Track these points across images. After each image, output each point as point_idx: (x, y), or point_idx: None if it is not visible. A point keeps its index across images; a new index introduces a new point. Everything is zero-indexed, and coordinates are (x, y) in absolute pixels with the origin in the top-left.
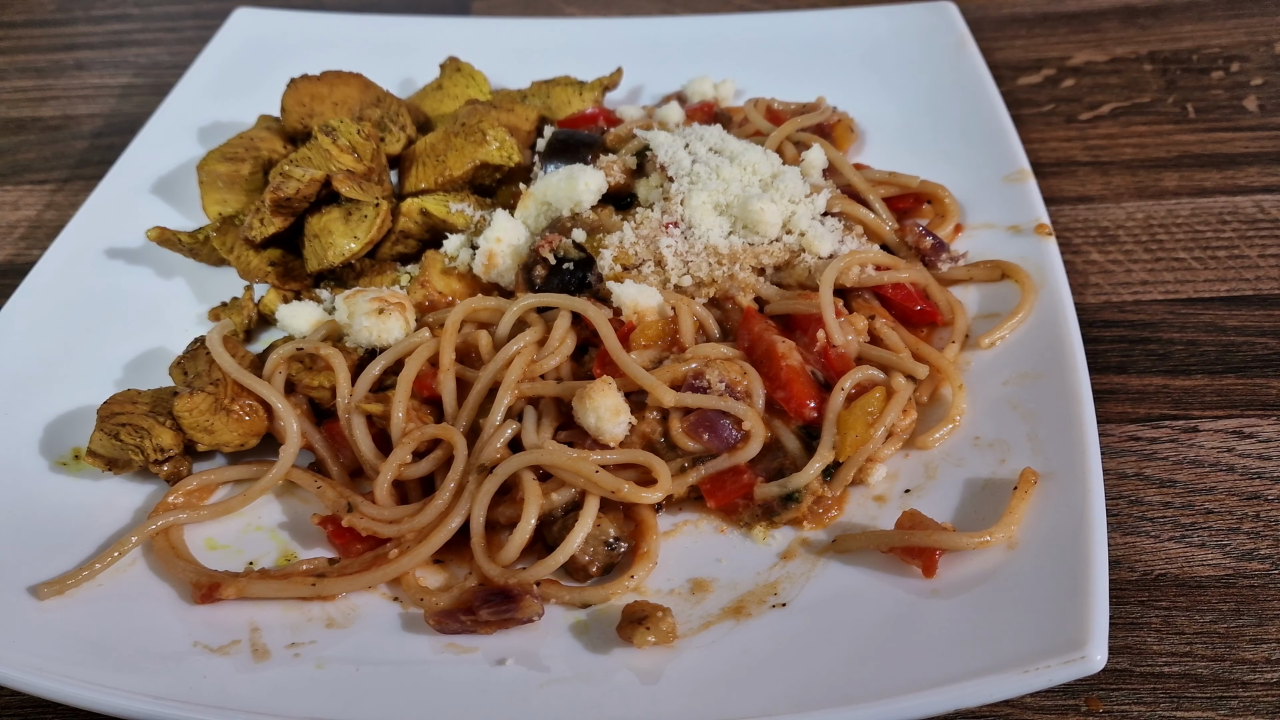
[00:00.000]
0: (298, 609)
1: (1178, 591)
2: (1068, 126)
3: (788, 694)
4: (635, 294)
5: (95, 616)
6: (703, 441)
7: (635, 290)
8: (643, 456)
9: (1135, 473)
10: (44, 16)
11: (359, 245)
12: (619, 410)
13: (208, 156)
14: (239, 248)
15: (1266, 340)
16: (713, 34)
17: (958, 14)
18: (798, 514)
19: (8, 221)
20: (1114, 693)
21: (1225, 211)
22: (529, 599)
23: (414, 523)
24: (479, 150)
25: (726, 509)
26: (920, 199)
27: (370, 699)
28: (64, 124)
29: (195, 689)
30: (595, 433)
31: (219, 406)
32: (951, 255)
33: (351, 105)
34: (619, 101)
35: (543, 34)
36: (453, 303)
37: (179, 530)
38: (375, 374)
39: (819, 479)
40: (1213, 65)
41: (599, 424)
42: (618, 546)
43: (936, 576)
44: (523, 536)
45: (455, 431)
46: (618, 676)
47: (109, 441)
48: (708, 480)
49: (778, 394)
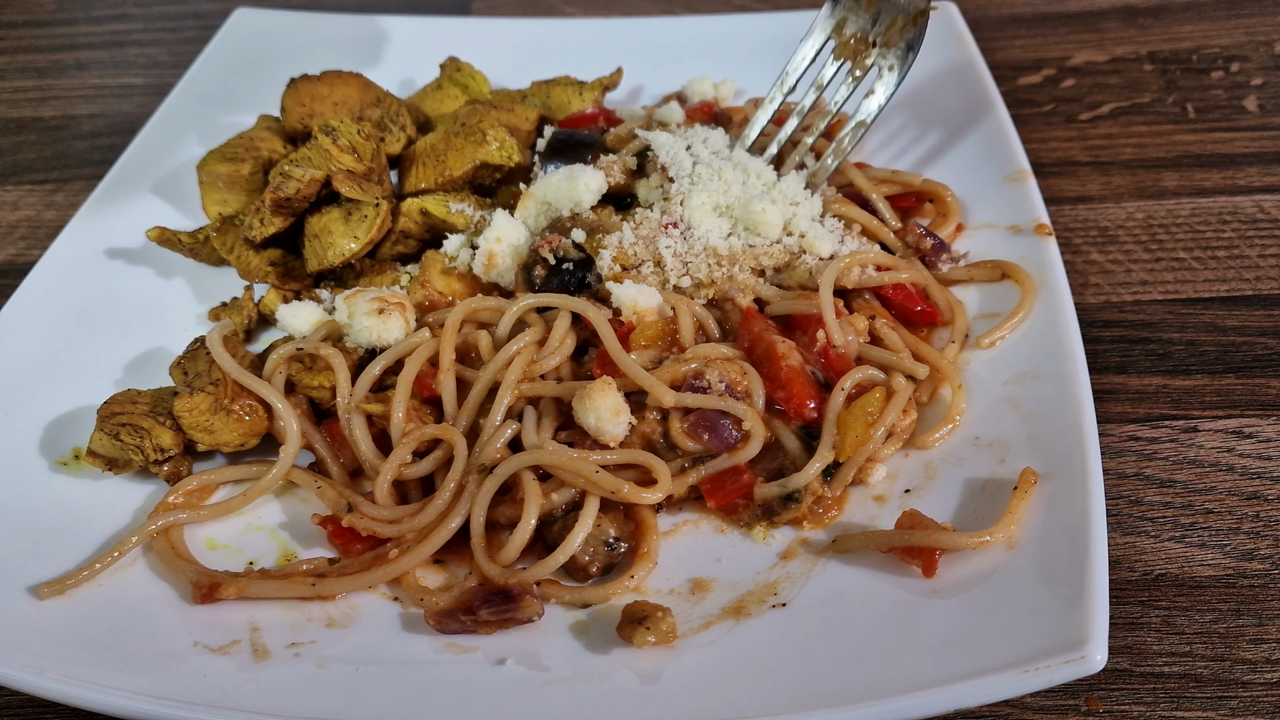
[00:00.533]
0: (298, 609)
1: (1178, 591)
2: (1068, 126)
3: (788, 694)
4: (634, 294)
5: (95, 616)
6: (703, 442)
7: (635, 291)
8: (643, 457)
9: (1135, 473)
10: (44, 16)
11: (359, 245)
12: (619, 410)
13: (208, 156)
14: (239, 248)
15: (1266, 340)
16: (713, 34)
17: (958, 14)
18: (798, 514)
19: (8, 221)
20: (1114, 693)
21: (1225, 211)
22: (529, 599)
23: (414, 523)
24: (479, 150)
25: (726, 509)
26: (922, 198)
27: (370, 699)
28: (64, 124)
29: (195, 689)
30: (595, 433)
31: (219, 406)
32: (952, 255)
33: (351, 105)
34: (619, 101)
35: (543, 34)
36: (453, 303)
37: (179, 530)
38: (375, 374)
39: (819, 479)
40: (1213, 65)
41: (599, 424)
42: (618, 546)
43: (936, 576)
44: (523, 537)
45: (455, 432)
46: (618, 676)
47: (109, 441)
48: (708, 480)
49: (778, 394)
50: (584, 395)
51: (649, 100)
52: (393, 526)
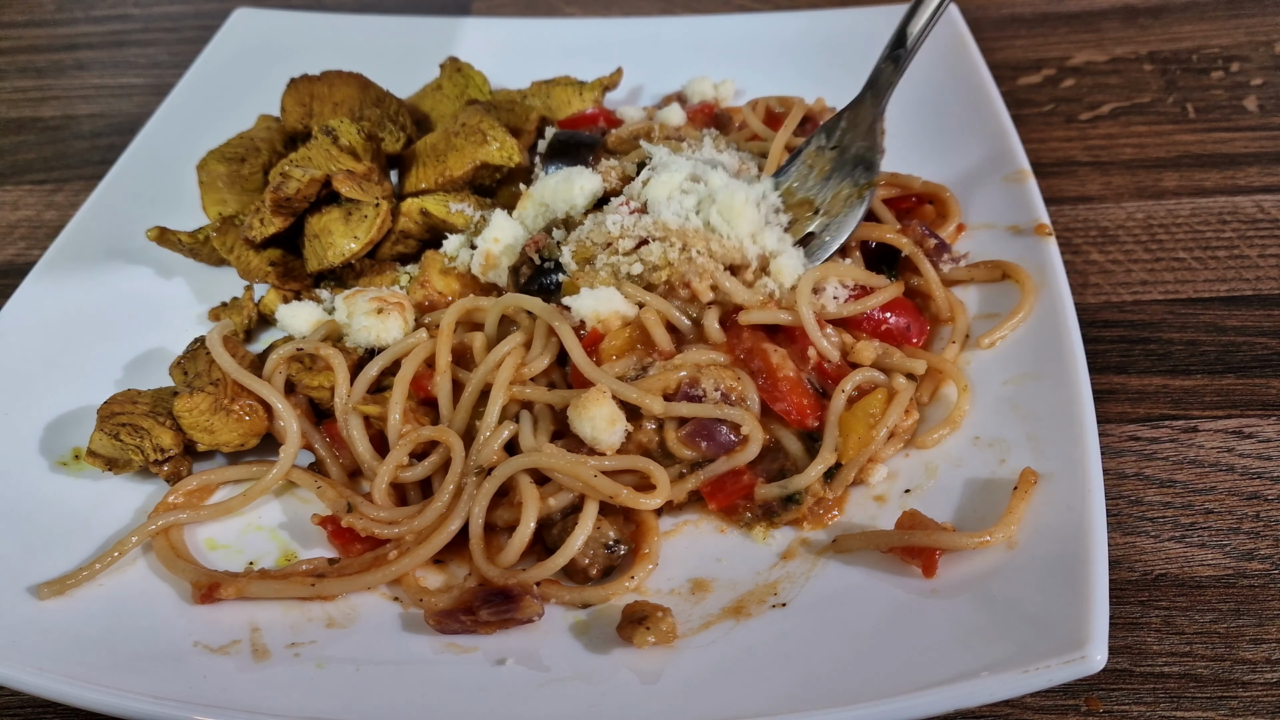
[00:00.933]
0: (298, 609)
1: (1178, 591)
2: (1068, 126)
3: (788, 694)
4: (593, 304)
5: (95, 616)
6: (700, 449)
7: (592, 300)
8: (641, 463)
9: (1135, 473)
10: (44, 16)
11: (359, 245)
12: (615, 420)
13: (208, 156)
14: (239, 248)
15: (1266, 340)
16: (713, 34)
17: (958, 14)
18: (798, 515)
19: (8, 221)
20: (1114, 693)
21: (1225, 211)
22: (529, 599)
23: (413, 525)
24: (479, 151)
25: (727, 510)
26: (922, 199)
27: (370, 699)
28: (64, 124)
29: (195, 689)
30: (592, 442)
31: (219, 406)
32: (953, 256)
33: (351, 105)
34: (619, 101)
35: (543, 34)
36: (451, 303)
37: (179, 530)
38: (373, 375)
39: (820, 480)
40: (1213, 65)
41: (595, 434)
42: (618, 549)
43: (936, 576)
44: (522, 540)
45: (451, 433)
46: (618, 676)
47: (109, 441)
48: (708, 484)
49: (778, 405)
50: (579, 404)
51: (649, 100)
52: (391, 528)
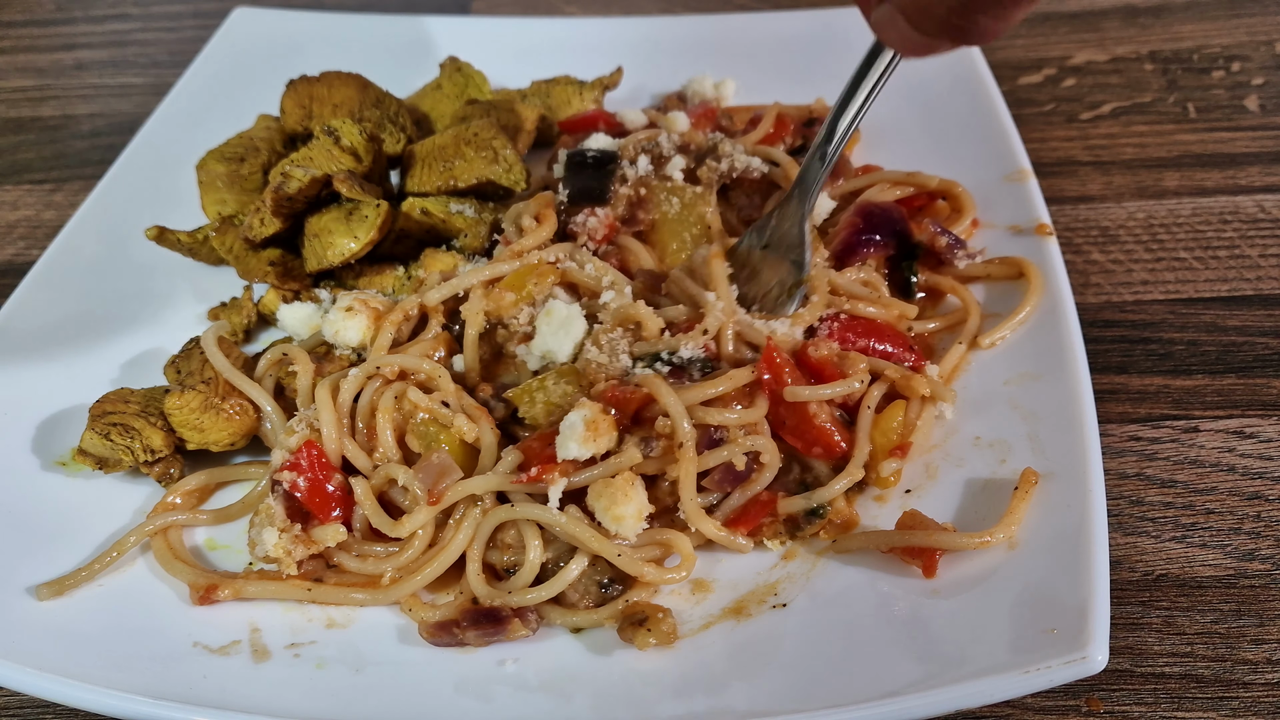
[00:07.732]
0: (298, 609)
1: (1178, 592)
2: (1068, 126)
3: (788, 694)
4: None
5: (95, 616)
6: (723, 489)
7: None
8: (665, 535)
9: (1136, 473)
10: (44, 16)
11: (359, 245)
12: (643, 513)
13: (208, 156)
14: (238, 247)
15: (1267, 340)
16: (713, 34)
17: None
18: (821, 527)
19: (7, 221)
20: (1115, 693)
21: (1226, 211)
22: (515, 623)
23: (395, 563)
24: (488, 169)
25: (753, 532)
26: (935, 196)
27: (370, 699)
28: (64, 124)
29: (195, 689)
30: (613, 532)
31: (209, 404)
32: (969, 252)
33: (351, 106)
34: (619, 101)
35: (543, 34)
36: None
37: (178, 531)
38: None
39: (844, 496)
40: (1213, 65)
41: (619, 529)
42: (612, 589)
43: (936, 576)
44: (526, 580)
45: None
46: (618, 676)
47: (99, 441)
48: (731, 517)
49: (814, 450)
50: (605, 495)
51: (649, 100)
52: (373, 565)
